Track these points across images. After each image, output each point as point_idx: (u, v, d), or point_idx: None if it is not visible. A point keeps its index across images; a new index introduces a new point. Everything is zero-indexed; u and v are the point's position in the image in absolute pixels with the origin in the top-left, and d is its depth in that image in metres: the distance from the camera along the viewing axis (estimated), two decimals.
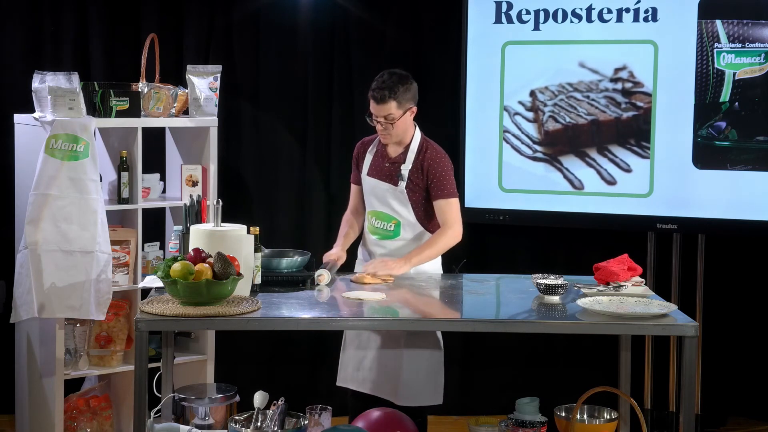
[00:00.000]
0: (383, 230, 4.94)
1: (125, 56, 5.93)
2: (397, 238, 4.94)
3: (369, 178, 4.97)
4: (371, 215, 4.98)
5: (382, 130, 4.86)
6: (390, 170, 4.93)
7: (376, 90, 4.80)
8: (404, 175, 4.89)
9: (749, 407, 6.14)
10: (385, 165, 4.94)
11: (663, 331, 4.17)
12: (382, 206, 4.94)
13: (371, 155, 4.99)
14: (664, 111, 5.58)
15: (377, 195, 4.95)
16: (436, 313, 4.50)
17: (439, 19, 6.12)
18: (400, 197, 4.91)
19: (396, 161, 4.93)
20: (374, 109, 4.82)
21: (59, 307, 4.97)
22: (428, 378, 4.88)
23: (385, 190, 4.92)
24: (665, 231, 5.63)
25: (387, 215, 4.93)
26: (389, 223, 4.93)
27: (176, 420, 4.71)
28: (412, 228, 4.93)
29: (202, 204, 4.92)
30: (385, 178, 4.93)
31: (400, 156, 4.93)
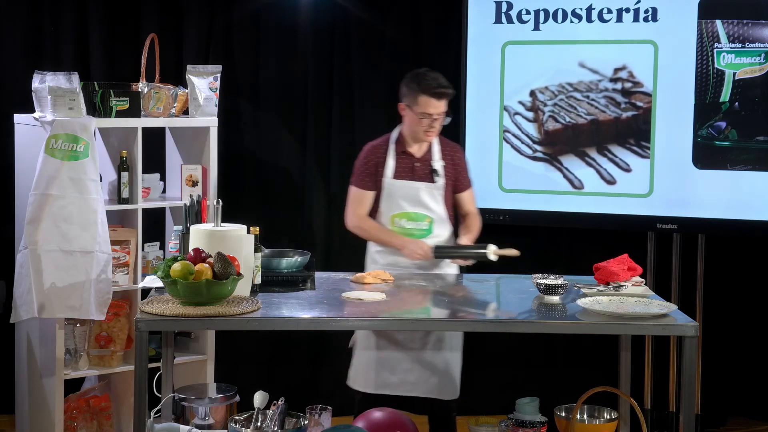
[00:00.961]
0: (417, 230, 4.99)
1: (125, 56, 5.93)
2: (431, 236, 4.99)
3: (399, 180, 4.99)
4: (399, 217, 4.99)
5: (429, 128, 4.92)
6: (422, 169, 4.98)
7: (438, 88, 4.89)
8: (439, 170, 4.97)
9: (749, 407, 6.14)
10: (415, 165, 4.99)
11: (663, 331, 4.17)
12: (414, 206, 4.98)
13: (392, 158, 5.00)
14: (664, 111, 5.58)
15: (408, 196, 4.98)
16: (436, 313, 4.50)
17: (439, 19, 6.12)
18: (434, 194, 4.98)
19: (425, 159, 4.99)
20: (434, 107, 4.90)
21: (59, 307, 4.97)
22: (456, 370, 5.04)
23: (419, 189, 4.98)
24: (665, 231, 5.63)
25: (420, 215, 4.98)
26: (423, 222, 4.98)
27: (176, 420, 4.71)
28: (442, 223, 5.03)
29: (202, 204, 4.92)
30: (419, 178, 4.98)
31: (427, 154, 5.01)
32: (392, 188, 5.00)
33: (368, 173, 5.05)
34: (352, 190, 5.09)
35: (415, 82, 4.93)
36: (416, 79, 4.94)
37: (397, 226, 5.00)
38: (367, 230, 5.04)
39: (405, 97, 4.97)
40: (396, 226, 5.00)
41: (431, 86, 4.89)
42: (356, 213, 5.07)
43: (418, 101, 4.91)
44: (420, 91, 4.90)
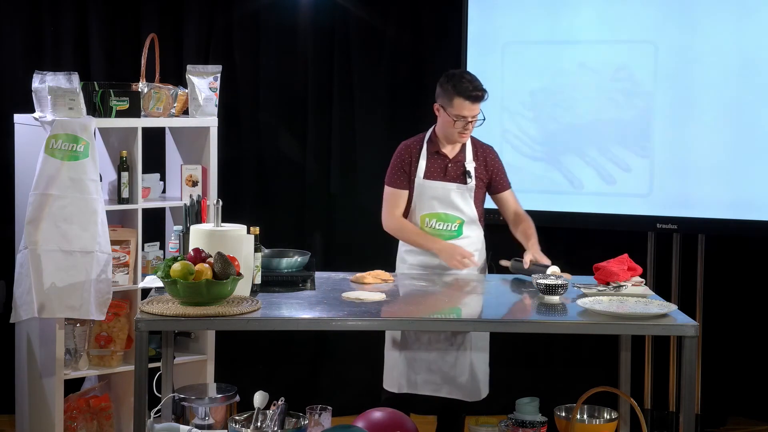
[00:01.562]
0: (446, 231, 4.97)
1: (125, 56, 5.93)
2: (461, 237, 4.97)
3: (430, 181, 4.97)
4: (429, 218, 4.97)
5: (463, 130, 4.89)
6: (454, 170, 4.97)
7: (474, 90, 4.85)
8: (472, 172, 4.96)
9: (749, 407, 6.14)
10: (448, 165, 4.97)
11: (663, 331, 4.17)
12: (444, 207, 4.97)
13: (424, 159, 4.98)
14: (664, 111, 5.58)
15: (440, 197, 4.96)
16: (436, 312, 4.50)
17: (439, 19, 6.12)
18: (465, 195, 4.97)
19: (457, 160, 4.98)
20: (469, 110, 4.87)
21: (59, 307, 4.97)
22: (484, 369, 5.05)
23: (451, 190, 4.96)
24: (665, 231, 5.63)
25: (451, 216, 4.97)
26: (453, 224, 4.97)
27: (176, 420, 4.72)
28: (473, 224, 5.02)
29: (202, 204, 4.92)
30: (451, 179, 4.97)
31: (459, 155, 4.99)
32: (423, 188, 4.98)
33: (401, 172, 5.01)
34: (386, 190, 5.03)
35: (451, 84, 4.87)
36: (452, 80, 4.88)
37: (428, 227, 4.98)
38: (406, 233, 5.00)
39: (440, 97, 4.92)
40: (426, 226, 4.98)
41: (467, 89, 4.84)
42: (392, 214, 5.01)
43: (453, 103, 4.86)
44: (455, 93, 4.85)
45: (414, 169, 4.99)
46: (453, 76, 4.91)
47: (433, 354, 4.96)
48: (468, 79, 4.88)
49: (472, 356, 5.00)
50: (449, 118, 4.88)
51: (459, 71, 5.00)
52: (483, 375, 5.05)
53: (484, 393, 5.06)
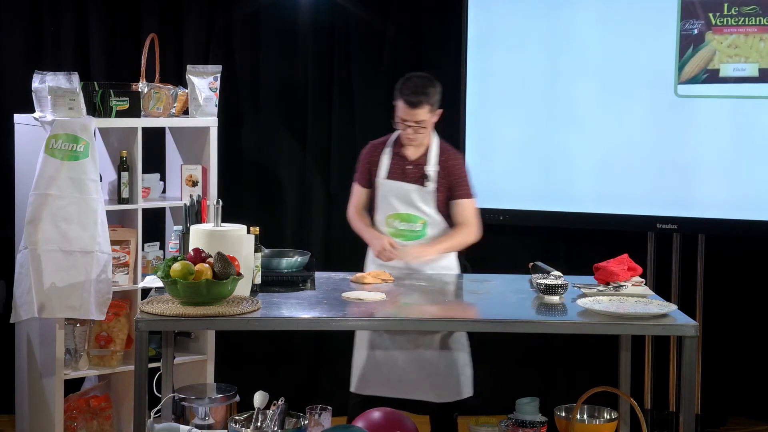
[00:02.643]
0: (410, 231, 4.95)
1: (125, 56, 5.93)
2: (425, 238, 4.96)
3: (390, 181, 4.96)
4: (393, 218, 4.97)
5: (411, 134, 4.87)
6: (414, 172, 4.95)
7: (410, 95, 4.80)
8: (431, 175, 4.92)
9: (749, 407, 6.14)
10: (407, 167, 4.95)
11: (663, 331, 4.17)
12: (407, 208, 4.95)
13: (388, 158, 4.98)
14: (665, 111, 5.58)
15: (401, 197, 4.95)
16: (436, 313, 4.50)
17: (439, 20, 6.12)
18: (426, 197, 4.93)
19: (418, 162, 4.95)
20: (406, 114, 4.83)
21: (59, 307, 4.97)
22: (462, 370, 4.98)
23: (410, 191, 4.94)
24: (665, 231, 5.63)
25: (413, 216, 4.95)
26: (416, 224, 4.95)
27: (176, 420, 4.71)
28: (437, 226, 4.98)
29: (202, 204, 4.92)
30: (410, 180, 4.95)
31: (422, 157, 4.96)
32: (384, 188, 4.98)
33: (363, 170, 5.07)
34: (352, 185, 5.14)
35: (399, 84, 4.86)
36: (402, 81, 4.87)
37: (391, 227, 4.98)
38: (352, 222, 5.10)
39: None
40: (390, 227, 4.98)
41: (405, 93, 4.82)
42: (351, 206, 5.12)
43: (396, 104, 4.87)
44: (398, 94, 4.85)
45: (375, 169, 4.99)
46: (406, 77, 4.88)
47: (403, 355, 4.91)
48: (413, 83, 4.83)
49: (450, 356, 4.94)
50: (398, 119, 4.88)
51: (417, 74, 4.92)
52: (464, 374, 4.98)
53: (466, 393, 5.00)
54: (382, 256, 4.89)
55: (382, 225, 5.00)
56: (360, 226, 5.06)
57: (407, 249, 4.89)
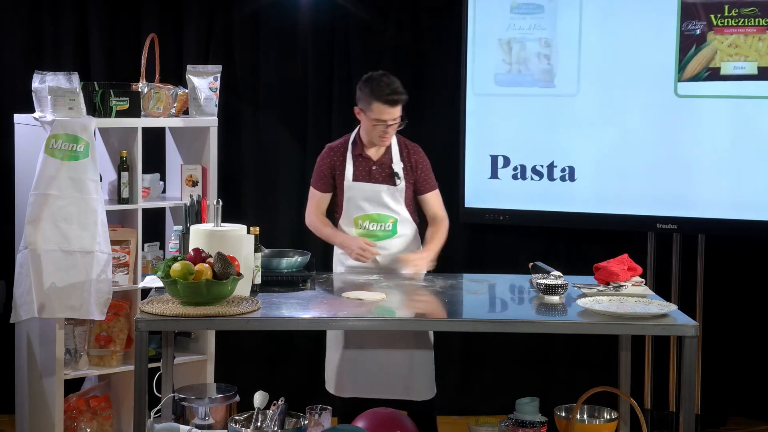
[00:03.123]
0: (381, 231, 4.94)
1: (125, 56, 5.93)
2: (396, 236, 4.95)
3: (358, 183, 4.95)
4: (362, 220, 4.96)
5: (383, 133, 4.87)
6: (380, 172, 4.94)
7: (391, 94, 4.79)
8: (400, 173, 4.91)
9: (749, 407, 6.14)
10: (373, 168, 4.94)
11: (663, 331, 4.18)
12: (376, 208, 4.94)
13: (351, 161, 4.97)
14: (665, 110, 5.58)
15: (370, 198, 4.94)
16: (436, 313, 4.50)
17: (439, 19, 6.12)
18: (396, 196, 4.93)
19: (382, 162, 4.95)
20: (386, 114, 4.82)
21: (59, 307, 4.97)
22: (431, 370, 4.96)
23: (380, 191, 4.93)
24: (665, 231, 5.63)
25: (383, 215, 4.94)
26: (387, 223, 4.94)
27: (176, 420, 4.71)
28: (407, 223, 4.97)
29: (202, 204, 4.92)
30: (377, 180, 4.94)
31: (385, 156, 4.96)
32: (352, 191, 4.96)
33: (323, 175, 5.02)
34: (310, 190, 5.08)
35: (369, 87, 4.83)
36: (370, 83, 4.84)
37: (361, 228, 4.96)
38: (317, 227, 5.05)
39: (360, 101, 4.89)
40: (360, 228, 4.96)
41: (384, 93, 4.79)
42: (310, 212, 5.07)
43: (371, 107, 4.83)
44: (373, 97, 4.82)
45: (339, 173, 4.97)
46: (371, 78, 4.86)
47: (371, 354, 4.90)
48: (386, 83, 4.82)
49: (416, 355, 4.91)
50: (369, 121, 4.85)
51: (378, 73, 4.90)
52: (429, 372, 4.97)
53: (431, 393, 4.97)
54: (362, 258, 4.87)
55: (348, 227, 4.98)
56: (327, 231, 5.01)
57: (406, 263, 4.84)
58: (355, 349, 4.92)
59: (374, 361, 4.90)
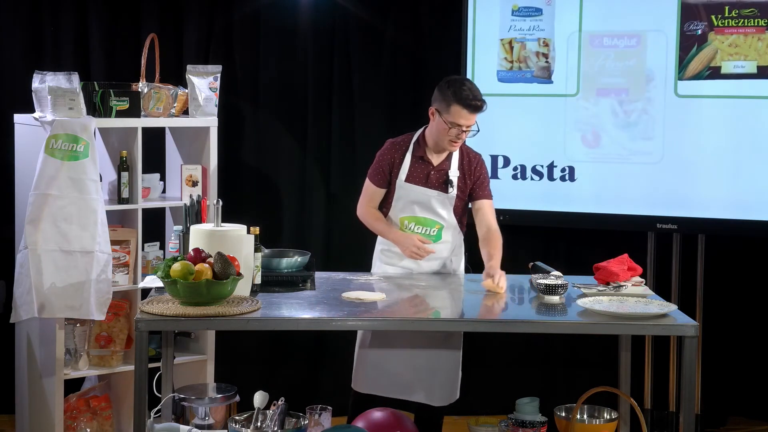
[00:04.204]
0: (425, 234, 4.93)
1: (125, 56, 5.93)
2: (440, 241, 4.94)
3: (411, 185, 4.93)
4: (409, 221, 4.94)
5: (456, 138, 4.82)
6: (437, 177, 4.92)
7: (473, 99, 4.76)
8: (454, 181, 4.90)
9: (749, 407, 6.14)
10: (431, 173, 4.92)
11: (663, 331, 4.18)
12: (425, 212, 4.93)
13: (408, 161, 4.94)
14: (665, 110, 5.58)
15: (420, 201, 4.92)
16: (436, 313, 4.50)
17: (439, 19, 6.12)
18: (446, 203, 4.92)
19: (441, 168, 4.93)
20: (466, 119, 4.79)
21: (59, 307, 4.97)
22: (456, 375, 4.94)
23: (431, 196, 4.91)
24: (665, 231, 5.63)
25: (431, 220, 4.93)
26: (432, 228, 4.93)
27: (176, 420, 4.72)
28: (452, 229, 4.97)
29: (202, 204, 4.92)
30: (432, 186, 4.92)
31: (445, 162, 4.94)
32: (404, 191, 4.94)
33: (381, 170, 4.97)
34: (366, 182, 5.03)
35: (452, 90, 4.79)
36: (453, 86, 4.80)
37: (406, 229, 4.94)
38: (369, 221, 5.00)
39: (437, 102, 4.84)
40: (405, 228, 4.94)
41: (468, 97, 4.76)
42: (363, 204, 5.03)
43: (450, 110, 4.78)
44: (455, 100, 4.77)
45: (396, 170, 4.95)
46: (454, 81, 4.83)
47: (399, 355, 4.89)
48: (468, 87, 4.80)
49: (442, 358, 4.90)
50: (444, 124, 4.82)
51: (461, 78, 4.94)
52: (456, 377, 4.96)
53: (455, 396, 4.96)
54: (417, 256, 4.87)
55: (396, 225, 4.97)
56: (380, 227, 4.97)
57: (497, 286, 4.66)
58: (378, 347, 4.92)
59: (396, 360, 4.89)
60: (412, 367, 4.88)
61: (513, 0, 5.76)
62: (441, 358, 4.90)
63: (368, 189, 5.02)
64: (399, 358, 4.89)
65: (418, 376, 4.88)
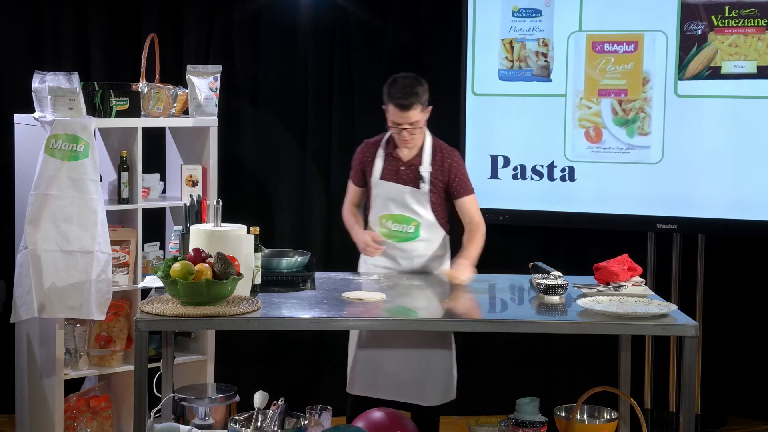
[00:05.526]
0: (402, 233, 4.93)
1: (125, 56, 5.93)
2: (418, 239, 4.94)
3: (385, 182, 4.93)
4: (386, 219, 4.94)
5: (406, 137, 4.83)
6: (407, 173, 4.92)
7: (400, 97, 4.75)
8: (425, 177, 4.89)
9: (749, 407, 6.14)
10: (401, 168, 4.92)
11: (663, 331, 4.18)
12: (400, 209, 4.93)
13: (381, 159, 4.95)
14: (665, 110, 5.58)
15: (394, 198, 4.92)
16: (436, 313, 4.50)
17: (439, 19, 6.12)
18: (420, 199, 4.91)
19: (412, 164, 4.92)
20: (399, 117, 4.78)
21: (59, 307, 4.97)
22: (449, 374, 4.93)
23: (404, 192, 4.91)
24: (665, 231, 5.63)
25: (407, 218, 4.92)
26: (409, 225, 4.92)
27: (176, 420, 4.72)
28: (430, 227, 4.95)
29: (202, 204, 4.92)
30: (404, 182, 4.91)
31: (416, 158, 4.92)
32: (379, 188, 4.95)
33: (357, 169, 5.04)
34: (348, 182, 5.11)
35: (386, 88, 4.82)
36: (389, 84, 4.82)
37: (384, 227, 4.95)
38: (344, 219, 5.08)
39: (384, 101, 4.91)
40: (383, 227, 4.95)
41: (394, 96, 4.77)
42: (345, 204, 5.10)
43: (388, 108, 4.83)
44: (387, 98, 4.81)
45: (369, 169, 4.97)
46: (393, 79, 4.83)
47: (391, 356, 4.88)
48: (400, 85, 4.78)
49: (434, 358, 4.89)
50: (389, 122, 4.85)
51: (403, 74, 4.87)
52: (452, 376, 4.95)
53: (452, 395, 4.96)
54: (366, 252, 4.90)
55: (375, 224, 4.98)
56: (348, 223, 5.05)
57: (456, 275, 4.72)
58: (370, 348, 4.91)
59: (388, 362, 4.88)
60: (405, 368, 4.87)
61: (513, 1, 5.76)
62: (433, 357, 4.89)
63: (348, 188, 5.10)
64: (392, 359, 4.88)
65: (412, 377, 4.87)
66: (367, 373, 4.90)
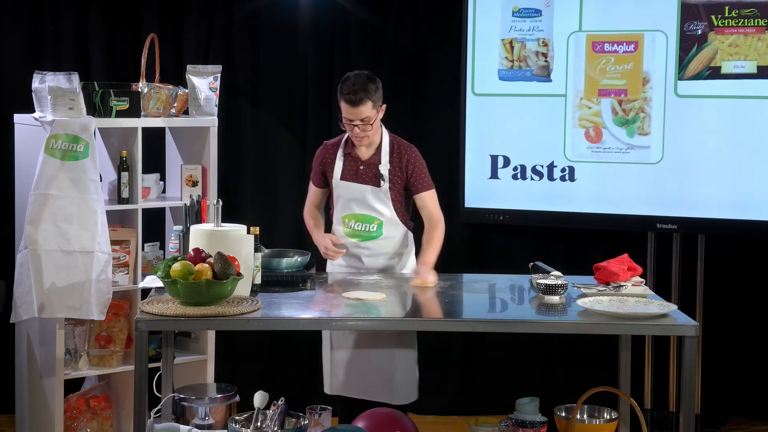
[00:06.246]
0: (365, 232, 4.93)
1: (125, 56, 5.93)
2: (381, 237, 4.94)
3: (345, 182, 4.94)
4: (348, 219, 4.95)
5: (359, 133, 4.84)
6: (367, 172, 4.92)
7: (349, 93, 4.76)
8: (385, 175, 4.90)
9: (749, 407, 6.14)
10: (361, 168, 4.93)
11: (663, 331, 4.18)
12: (362, 208, 4.93)
13: (341, 160, 4.96)
14: (664, 110, 5.58)
15: (356, 198, 4.93)
16: (436, 313, 4.50)
17: (439, 19, 6.12)
18: (381, 197, 4.91)
19: (371, 162, 4.93)
20: (350, 114, 4.79)
21: (59, 307, 4.97)
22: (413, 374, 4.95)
23: (365, 192, 4.91)
24: (665, 231, 5.63)
25: (369, 216, 4.93)
26: (372, 224, 4.93)
27: (176, 420, 4.72)
28: (393, 225, 4.95)
29: (202, 204, 4.92)
30: (364, 181, 4.92)
31: (374, 157, 4.93)
32: (341, 189, 4.96)
33: (317, 170, 5.05)
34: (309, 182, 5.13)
35: (339, 85, 4.84)
36: (341, 81, 4.84)
37: (347, 227, 4.95)
38: (305, 221, 5.10)
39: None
40: (347, 227, 4.96)
41: (344, 91, 4.78)
42: (307, 205, 5.12)
43: (340, 104, 4.84)
44: (339, 95, 4.83)
45: (329, 170, 4.98)
46: (345, 77, 4.84)
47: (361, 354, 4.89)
48: (351, 82, 4.79)
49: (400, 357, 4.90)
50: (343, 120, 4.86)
51: (355, 72, 4.88)
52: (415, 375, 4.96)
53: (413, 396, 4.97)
54: (327, 256, 4.93)
55: (338, 224, 4.99)
56: (309, 226, 5.07)
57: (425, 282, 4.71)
58: (340, 348, 4.93)
59: (358, 361, 4.90)
60: (374, 367, 4.89)
61: (513, 1, 5.76)
62: (397, 357, 4.90)
63: (309, 190, 5.12)
64: (362, 359, 4.90)
65: (381, 375, 4.89)
66: (339, 372, 4.93)
